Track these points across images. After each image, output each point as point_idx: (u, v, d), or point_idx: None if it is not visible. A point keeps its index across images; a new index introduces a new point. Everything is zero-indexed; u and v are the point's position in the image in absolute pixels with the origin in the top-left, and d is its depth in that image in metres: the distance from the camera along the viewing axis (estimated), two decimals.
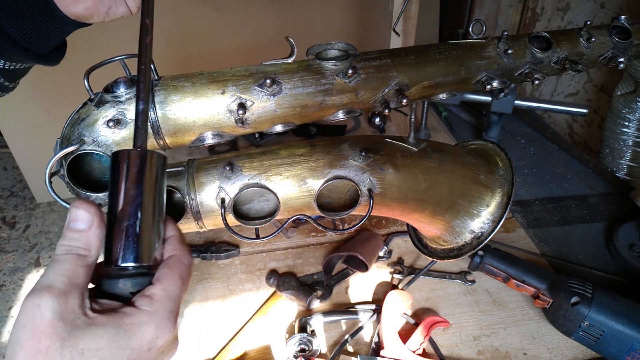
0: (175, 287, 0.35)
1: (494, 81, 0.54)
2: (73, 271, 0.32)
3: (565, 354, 0.72)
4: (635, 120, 1.02)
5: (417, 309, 0.79)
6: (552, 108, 1.13)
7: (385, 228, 0.97)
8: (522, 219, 1.00)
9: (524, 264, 0.77)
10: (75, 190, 0.44)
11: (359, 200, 0.51)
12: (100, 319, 0.31)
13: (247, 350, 0.73)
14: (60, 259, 0.32)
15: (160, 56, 0.97)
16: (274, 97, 0.46)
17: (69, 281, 0.31)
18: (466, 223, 0.59)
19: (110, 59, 0.45)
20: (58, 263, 0.32)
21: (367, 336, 0.75)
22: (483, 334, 0.75)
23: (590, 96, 1.54)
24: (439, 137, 1.28)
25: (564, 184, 1.11)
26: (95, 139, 0.43)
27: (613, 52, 0.60)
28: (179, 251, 0.37)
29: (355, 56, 0.49)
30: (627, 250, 0.88)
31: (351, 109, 0.49)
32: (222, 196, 0.49)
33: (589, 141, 1.55)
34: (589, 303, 0.68)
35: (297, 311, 0.79)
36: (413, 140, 0.56)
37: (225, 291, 0.83)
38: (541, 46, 0.57)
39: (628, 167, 1.08)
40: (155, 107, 0.43)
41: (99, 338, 0.30)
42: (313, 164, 0.51)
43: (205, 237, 0.94)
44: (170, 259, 0.37)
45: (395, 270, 0.85)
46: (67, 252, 0.32)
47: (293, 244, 0.93)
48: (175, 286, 0.35)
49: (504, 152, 0.62)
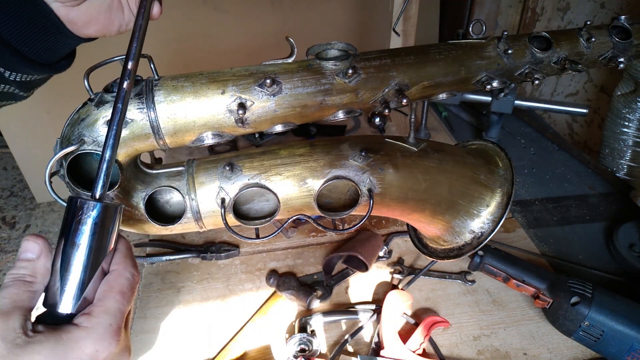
0: (114, 301, 0.37)
1: (494, 81, 0.54)
2: (17, 295, 0.35)
3: (565, 354, 0.72)
4: (635, 120, 1.02)
5: (417, 309, 0.79)
6: (552, 108, 1.13)
7: (385, 228, 0.97)
8: (522, 219, 1.00)
9: (524, 264, 0.77)
10: (75, 190, 0.44)
11: (359, 200, 0.51)
12: (39, 338, 0.33)
13: (247, 350, 0.73)
14: (7, 284, 0.35)
15: (161, 56, 0.97)
16: (274, 97, 0.46)
17: (12, 303, 0.34)
18: (466, 223, 0.59)
19: (110, 59, 0.45)
20: (4, 288, 0.35)
21: (367, 336, 0.75)
22: (483, 334, 0.75)
23: (590, 96, 1.54)
24: (439, 137, 1.28)
25: (564, 184, 1.11)
26: (95, 139, 0.43)
27: (613, 52, 0.60)
28: (121, 265, 0.39)
29: (355, 56, 0.49)
30: (627, 250, 0.88)
31: (351, 109, 0.49)
32: (222, 196, 0.49)
33: (589, 141, 1.55)
34: (589, 303, 0.68)
35: (297, 311, 0.79)
36: (413, 140, 0.56)
37: (225, 291, 0.83)
38: (541, 46, 0.56)
39: (628, 167, 1.08)
40: (155, 107, 0.43)
41: (36, 354, 0.32)
42: (313, 164, 0.51)
43: (205, 237, 0.94)
44: (112, 274, 0.38)
45: (395, 270, 0.85)
46: (14, 279, 0.36)
47: (293, 244, 0.93)
48: (114, 301, 0.37)
49: (504, 152, 0.62)
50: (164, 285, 0.84)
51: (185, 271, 0.87)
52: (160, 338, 0.75)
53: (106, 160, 0.38)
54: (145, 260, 0.88)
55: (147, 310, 0.80)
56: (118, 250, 0.40)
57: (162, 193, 0.50)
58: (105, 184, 0.38)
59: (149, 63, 0.46)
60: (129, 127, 0.44)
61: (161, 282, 0.85)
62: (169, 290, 0.84)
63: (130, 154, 0.46)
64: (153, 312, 0.79)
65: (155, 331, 0.76)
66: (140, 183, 0.49)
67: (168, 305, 0.81)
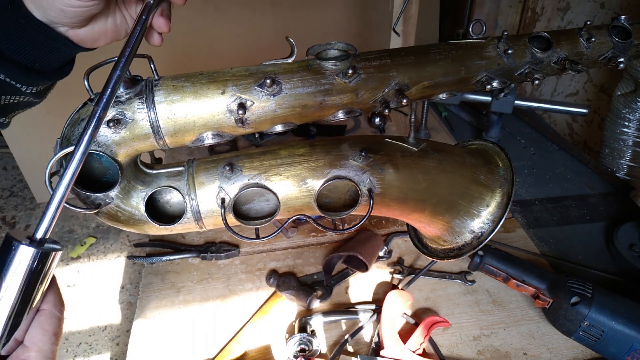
0: (50, 344, 0.37)
1: (494, 81, 0.54)
2: None
3: (565, 354, 0.72)
4: (635, 120, 1.02)
5: (417, 309, 0.79)
6: (552, 108, 1.13)
7: (385, 228, 0.97)
8: (522, 219, 1.00)
9: (524, 264, 0.77)
10: (75, 190, 0.44)
11: (359, 200, 0.51)
12: None
13: (247, 350, 0.73)
14: None
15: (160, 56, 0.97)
16: (274, 97, 0.46)
17: None
18: (466, 223, 0.59)
19: (110, 59, 0.45)
20: None
21: (367, 336, 0.75)
22: (483, 334, 0.75)
23: (590, 96, 1.54)
24: (439, 137, 1.28)
25: (564, 184, 1.11)
26: (95, 139, 0.43)
27: (613, 52, 0.60)
28: (50, 303, 0.38)
29: (355, 56, 0.49)
30: (627, 250, 0.88)
31: (351, 109, 0.49)
32: (222, 196, 0.49)
33: (589, 141, 1.55)
34: (589, 303, 0.68)
35: (297, 311, 0.79)
36: (413, 140, 0.56)
37: (225, 291, 0.83)
38: (541, 46, 0.56)
39: (628, 167, 1.08)
40: (155, 107, 0.44)
41: None
42: (313, 164, 0.51)
43: (205, 237, 0.94)
44: (43, 315, 0.38)
45: (395, 270, 0.85)
46: None
47: (293, 244, 0.93)
48: (50, 343, 0.37)
49: (504, 152, 0.62)
50: (164, 285, 0.84)
51: (185, 271, 0.87)
52: (160, 338, 0.75)
53: (55, 202, 0.36)
54: (145, 260, 0.88)
55: (147, 310, 0.80)
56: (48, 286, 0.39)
57: (162, 193, 0.50)
58: (48, 228, 0.36)
59: (149, 63, 0.46)
60: (129, 127, 0.44)
61: (161, 282, 0.85)
62: (169, 290, 0.84)
63: (130, 154, 0.46)
64: (153, 312, 0.79)
65: (155, 331, 0.76)
66: (140, 183, 0.49)
67: (168, 305, 0.81)
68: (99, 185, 0.46)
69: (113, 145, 0.44)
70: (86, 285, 1.94)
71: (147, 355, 0.73)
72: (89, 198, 0.46)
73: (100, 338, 1.74)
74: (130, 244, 2.13)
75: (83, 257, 2.07)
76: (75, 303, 1.85)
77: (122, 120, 0.43)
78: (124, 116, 0.43)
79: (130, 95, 0.44)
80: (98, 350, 1.70)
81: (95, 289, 1.92)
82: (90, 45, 0.48)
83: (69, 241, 2.14)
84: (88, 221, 2.25)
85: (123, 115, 0.43)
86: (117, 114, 0.43)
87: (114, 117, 0.43)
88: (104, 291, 1.91)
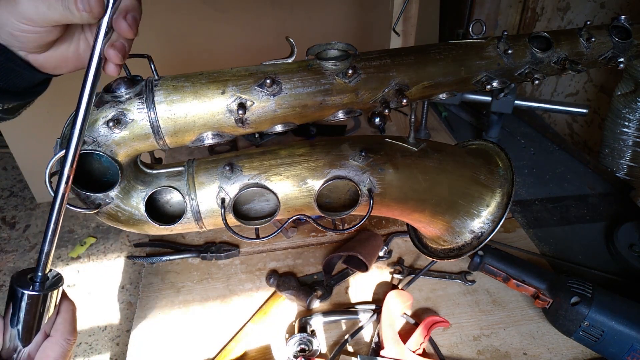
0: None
1: (494, 81, 0.54)
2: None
3: (565, 354, 0.72)
4: (635, 120, 1.02)
5: (417, 309, 0.79)
6: (552, 108, 1.13)
7: (385, 228, 0.97)
8: (522, 219, 1.00)
9: (524, 264, 0.77)
10: (75, 190, 0.44)
11: (359, 200, 0.51)
12: None
13: (247, 350, 0.73)
14: None
15: (161, 56, 0.97)
16: (274, 97, 0.46)
17: None
18: (466, 223, 0.59)
19: None
20: None
21: (367, 336, 0.75)
22: (483, 334, 0.75)
23: (590, 96, 1.54)
24: (439, 137, 1.28)
25: (564, 184, 1.11)
26: (95, 139, 0.43)
27: (613, 52, 0.60)
28: (59, 332, 0.42)
29: (355, 56, 0.49)
30: (627, 250, 0.88)
31: (351, 109, 0.49)
32: (222, 196, 0.49)
33: (589, 141, 1.55)
34: (589, 303, 0.68)
35: (297, 311, 0.79)
36: (413, 140, 0.56)
37: (225, 291, 0.83)
38: (541, 46, 0.56)
39: (628, 167, 1.08)
40: (155, 107, 0.43)
41: None
42: (313, 164, 0.51)
43: (205, 237, 0.94)
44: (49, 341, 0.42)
45: (395, 270, 0.85)
46: None
47: (293, 244, 0.93)
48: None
49: (504, 152, 0.62)
50: (164, 285, 0.84)
51: (185, 271, 0.87)
52: (160, 338, 0.75)
53: (44, 252, 0.40)
54: (145, 260, 0.88)
55: (147, 310, 0.80)
56: (60, 315, 0.43)
57: (162, 193, 0.50)
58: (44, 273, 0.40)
59: (149, 63, 0.46)
60: (129, 127, 0.44)
61: (161, 282, 0.85)
62: (169, 290, 0.84)
63: (130, 154, 0.46)
64: (153, 312, 0.79)
65: (155, 331, 0.76)
66: (140, 183, 0.49)
67: (168, 305, 0.81)
68: (99, 185, 0.46)
69: (113, 145, 0.44)
70: (86, 285, 1.94)
71: (147, 355, 0.73)
72: (89, 198, 0.46)
73: (100, 338, 1.74)
74: (130, 244, 2.13)
75: (83, 257, 2.07)
76: (75, 303, 1.85)
77: (122, 120, 0.43)
78: (124, 116, 0.43)
79: (130, 95, 0.44)
80: (98, 350, 1.70)
81: (95, 289, 1.92)
82: (52, 72, 0.45)
83: (69, 241, 2.14)
84: (88, 221, 2.25)
85: (123, 116, 0.43)
86: (117, 114, 0.43)
87: (114, 117, 0.43)
88: (104, 291, 1.91)
